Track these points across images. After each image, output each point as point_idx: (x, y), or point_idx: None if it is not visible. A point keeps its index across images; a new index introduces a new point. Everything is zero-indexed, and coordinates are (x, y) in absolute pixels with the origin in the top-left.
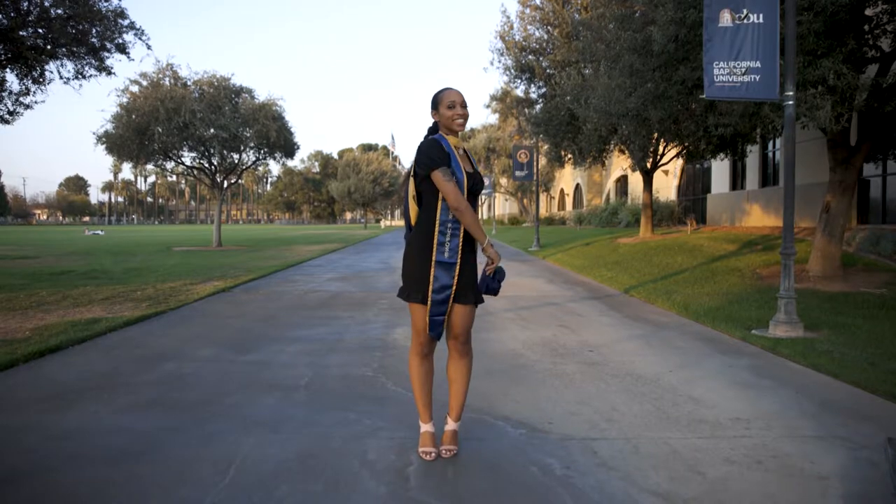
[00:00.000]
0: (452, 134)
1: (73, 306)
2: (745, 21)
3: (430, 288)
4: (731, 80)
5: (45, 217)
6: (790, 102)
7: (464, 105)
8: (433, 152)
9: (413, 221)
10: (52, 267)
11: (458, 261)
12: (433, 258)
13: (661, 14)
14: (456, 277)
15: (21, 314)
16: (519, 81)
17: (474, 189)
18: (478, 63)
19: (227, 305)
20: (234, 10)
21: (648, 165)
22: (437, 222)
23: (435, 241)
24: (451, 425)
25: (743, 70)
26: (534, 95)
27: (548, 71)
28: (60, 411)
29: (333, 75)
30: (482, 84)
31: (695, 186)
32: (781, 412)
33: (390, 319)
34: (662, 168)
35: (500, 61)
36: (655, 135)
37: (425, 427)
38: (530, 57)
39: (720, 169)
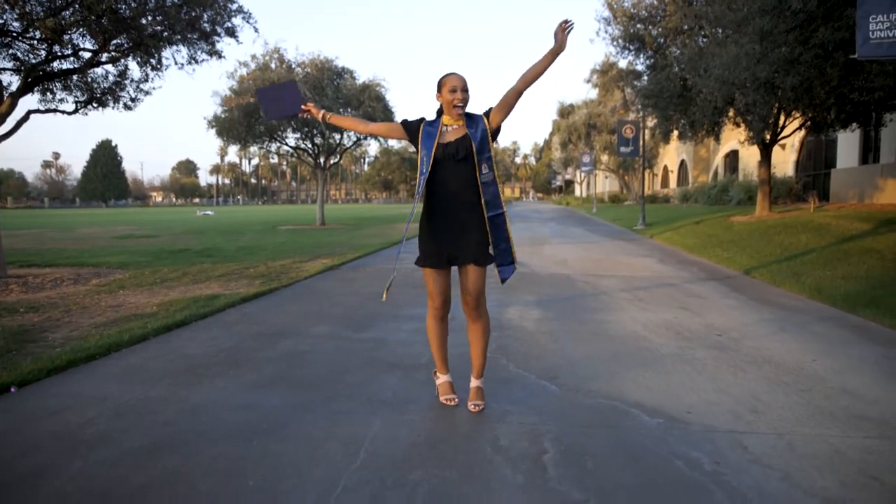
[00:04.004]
0: (452, 116)
1: (192, 283)
2: None
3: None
4: (891, 35)
5: (160, 199)
6: None
7: (465, 90)
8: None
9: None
10: (170, 245)
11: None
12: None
13: None
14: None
15: (147, 290)
16: (627, 52)
17: (458, 155)
18: (580, 39)
19: (338, 283)
20: None
21: (767, 138)
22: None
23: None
24: (474, 382)
25: None
26: (640, 67)
27: (658, 40)
28: (191, 385)
29: (430, 53)
30: (580, 60)
31: (816, 161)
32: None
33: (502, 298)
34: (780, 142)
35: (606, 31)
36: (777, 105)
37: (444, 378)
38: (639, 26)
39: (848, 141)
